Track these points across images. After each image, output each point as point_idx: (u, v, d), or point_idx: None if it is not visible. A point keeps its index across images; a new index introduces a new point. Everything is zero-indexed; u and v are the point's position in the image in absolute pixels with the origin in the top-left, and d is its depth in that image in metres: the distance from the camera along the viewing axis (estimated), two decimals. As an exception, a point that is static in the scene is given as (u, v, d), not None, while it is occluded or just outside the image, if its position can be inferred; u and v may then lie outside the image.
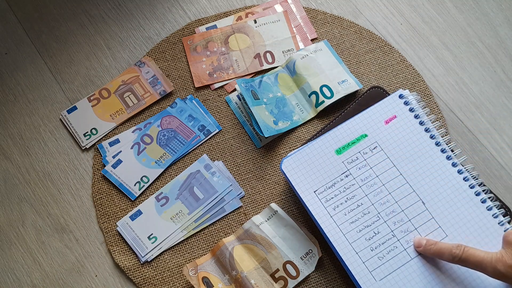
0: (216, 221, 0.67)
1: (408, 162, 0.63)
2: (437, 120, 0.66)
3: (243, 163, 0.70)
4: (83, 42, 0.78)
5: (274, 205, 0.66)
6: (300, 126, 0.71)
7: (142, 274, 0.65)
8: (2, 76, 0.76)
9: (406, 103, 0.65)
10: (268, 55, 0.75)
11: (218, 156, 0.70)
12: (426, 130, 0.64)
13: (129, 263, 0.66)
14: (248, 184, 0.69)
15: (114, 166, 0.70)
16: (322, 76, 0.72)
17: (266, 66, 0.74)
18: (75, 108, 0.73)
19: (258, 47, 0.75)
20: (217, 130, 0.71)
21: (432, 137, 0.64)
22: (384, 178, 0.63)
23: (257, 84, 0.72)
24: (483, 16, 0.76)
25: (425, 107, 0.65)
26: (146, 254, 0.65)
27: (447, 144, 0.64)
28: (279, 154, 0.70)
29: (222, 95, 0.74)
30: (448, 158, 0.63)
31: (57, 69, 0.76)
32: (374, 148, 0.64)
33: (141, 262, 0.65)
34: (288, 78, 0.73)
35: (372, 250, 0.60)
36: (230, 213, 0.67)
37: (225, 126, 0.72)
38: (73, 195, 0.70)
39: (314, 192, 0.63)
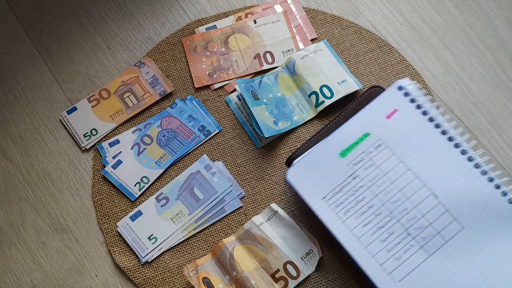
0: (216, 221, 0.67)
1: (415, 156, 0.61)
2: (440, 107, 0.63)
3: (243, 164, 0.70)
4: (83, 42, 0.78)
5: (274, 206, 0.66)
6: (300, 126, 0.71)
7: (142, 274, 0.65)
8: (2, 76, 0.76)
9: (406, 95, 0.63)
10: (268, 55, 0.75)
11: (218, 157, 0.70)
12: (430, 119, 0.62)
13: (130, 263, 0.66)
14: (248, 185, 0.69)
15: (114, 166, 0.70)
16: (322, 76, 0.72)
17: (266, 66, 0.74)
18: (75, 108, 0.73)
19: (258, 47, 0.75)
20: (217, 131, 0.71)
21: (437, 126, 0.61)
22: (392, 175, 0.60)
23: (257, 85, 0.72)
24: (483, 16, 0.76)
25: (427, 95, 0.63)
26: (147, 255, 0.65)
27: (454, 130, 0.61)
28: (279, 154, 0.70)
29: (222, 95, 0.74)
30: (457, 146, 0.60)
31: (57, 69, 0.76)
32: (378, 146, 0.62)
33: (142, 263, 0.65)
34: (288, 78, 0.73)
35: (388, 252, 0.58)
36: (230, 213, 0.67)
37: (225, 126, 0.72)
38: (73, 195, 0.70)
39: (323, 199, 0.61)
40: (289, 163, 0.67)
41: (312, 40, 0.76)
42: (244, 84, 0.71)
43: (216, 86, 0.74)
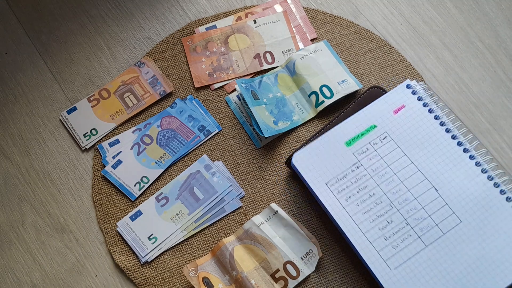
0: (216, 221, 0.67)
1: (419, 150, 0.63)
2: (445, 107, 0.66)
3: (243, 163, 0.70)
4: (83, 42, 0.78)
5: (274, 205, 0.66)
6: (300, 126, 0.71)
7: (142, 274, 0.65)
8: (2, 76, 0.76)
9: (414, 93, 0.66)
10: (267, 55, 0.75)
11: (218, 157, 0.70)
12: (436, 117, 0.64)
13: (129, 263, 0.66)
14: (248, 184, 0.69)
15: (114, 166, 0.70)
16: (322, 76, 0.72)
17: (266, 66, 0.74)
18: (75, 108, 0.73)
19: (257, 47, 0.75)
20: (217, 130, 0.71)
21: (442, 124, 0.64)
22: (395, 167, 0.63)
23: (257, 84, 0.72)
24: (483, 16, 0.76)
25: (433, 96, 0.65)
26: (146, 255, 0.65)
27: (458, 130, 0.64)
28: (279, 154, 0.70)
29: (222, 95, 0.74)
30: (459, 144, 0.63)
31: (57, 69, 0.76)
32: (384, 138, 0.64)
33: (141, 263, 0.65)
34: (288, 78, 0.73)
35: (386, 239, 0.60)
36: (230, 213, 0.67)
37: (225, 126, 0.72)
38: (73, 195, 0.70)
39: (326, 184, 0.63)
40: (289, 163, 0.67)
41: (312, 40, 0.76)
42: (244, 84, 0.71)
43: (216, 86, 0.74)
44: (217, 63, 0.75)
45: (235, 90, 0.74)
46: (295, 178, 0.69)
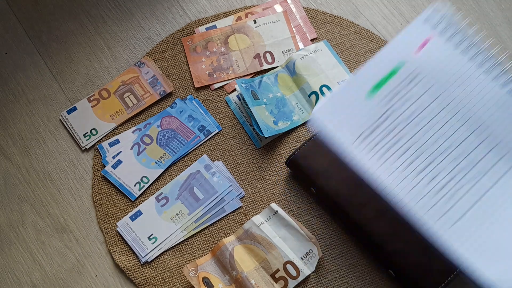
0: (216, 221, 0.67)
1: (453, 89, 0.55)
2: (474, 37, 0.57)
3: (243, 163, 0.70)
4: (83, 42, 0.78)
5: (274, 205, 0.66)
6: (300, 126, 0.71)
7: (142, 274, 0.65)
8: (2, 76, 0.76)
9: (435, 26, 0.57)
10: (267, 55, 0.75)
11: (218, 157, 0.70)
12: (464, 51, 0.56)
13: (129, 263, 0.66)
14: (248, 184, 0.69)
15: (114, 166, 0.70)
16: (322, 76, 0.72)
17: (266, 66, 0.74)
18: (75, 108, 0.73)
19: (257, 47, 0.75)
20: (217, 130, 0.71)
21: (472, 58, 0.56)
22: (430, 112, 0.54)
23: (257, 84, 0.72)
24: (483, 16, 0.76)
25: (457, 24, 0.57)
26: (146, 255, 0.65)
27: (490, 62, 0.56)
28: (279, 154, 0.70)
29: (222, 95, 0.74)
30: (495, 78, 0.55)
31: (57, 69, 0.76)
32: (411, 81, 0.55)
33: (141, 263, 0.65)
34: (288, 78, 0.73)
35: (436, 194, 0.52)
36: (230, 213, 0.67)
37: (225, 126, 0.72)
38: (73, 195, 0.70)
39: (354, 142, 0.54)
40: (289, 163, 0.67)
41: (312, 40, 0.76)
42: (244, 84, 0.71)
43: (216, 86, 0.74)
44: (217, 63, 0.75)
45: (235, 90, 0.74)
46: (295, 178, 0.69)
